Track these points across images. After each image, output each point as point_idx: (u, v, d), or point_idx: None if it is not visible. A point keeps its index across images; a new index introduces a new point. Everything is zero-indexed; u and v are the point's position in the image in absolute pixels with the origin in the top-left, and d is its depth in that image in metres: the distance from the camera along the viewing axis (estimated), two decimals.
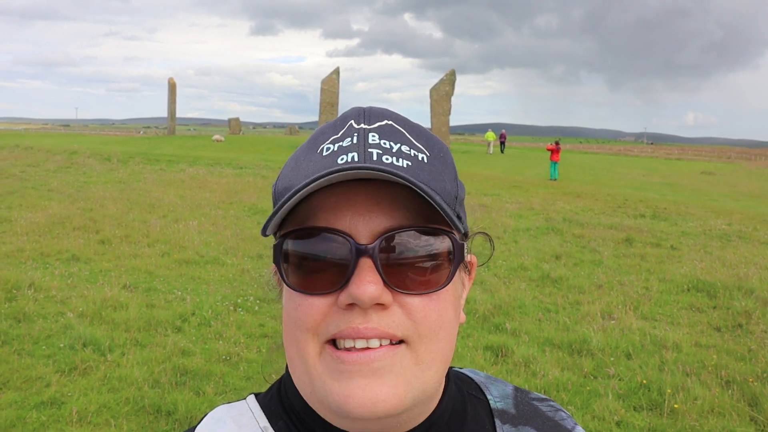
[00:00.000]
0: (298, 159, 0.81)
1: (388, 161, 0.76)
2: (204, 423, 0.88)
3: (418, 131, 0.83)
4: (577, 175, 36.20)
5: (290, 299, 0.78)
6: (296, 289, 0.76)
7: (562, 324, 7.75)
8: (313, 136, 0.84)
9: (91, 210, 14.16)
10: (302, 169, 0.78)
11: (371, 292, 0.72)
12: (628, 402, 5.71)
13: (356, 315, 0.73)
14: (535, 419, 0.96)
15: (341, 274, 0.74)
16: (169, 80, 51.52)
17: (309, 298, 0.75)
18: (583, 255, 11.91)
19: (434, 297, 0.77)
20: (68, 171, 22.08)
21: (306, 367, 0.77)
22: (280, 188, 0.81)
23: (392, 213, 0.75)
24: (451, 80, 41.09)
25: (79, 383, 5.57)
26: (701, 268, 10.93)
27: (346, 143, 0.78)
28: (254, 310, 7.82)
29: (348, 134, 0.79)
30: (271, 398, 0.91)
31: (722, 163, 70.21)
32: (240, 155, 32.01)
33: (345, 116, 0.83)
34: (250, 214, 14.96)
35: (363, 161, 0.75)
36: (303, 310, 0.76)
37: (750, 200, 27.18)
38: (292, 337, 0.78)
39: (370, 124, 0.81)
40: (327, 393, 0.74)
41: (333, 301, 0.75)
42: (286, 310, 0.80)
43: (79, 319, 7.09)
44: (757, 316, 8.27)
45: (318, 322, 0.75)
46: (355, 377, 0.73)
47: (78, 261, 9.86)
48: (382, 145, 0.78)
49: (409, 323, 0.75)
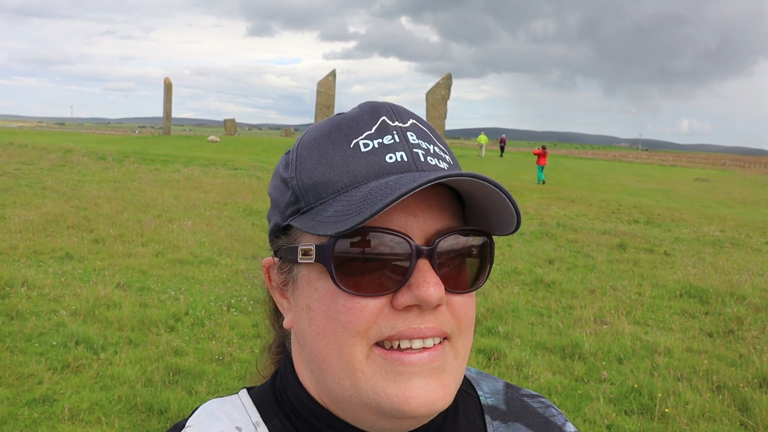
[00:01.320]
0: (325, 151, 0.79)
1: (432, 162, 0.78)
2: (195, 416, 0.86)
3: (435, 132, 0.85)
4: (572, 180, 36.25)
5: (333, 301, 0.76)
6: (348, 291, 0.74)
7: (554, 328, 7.77)
8: (336, 126, 0.82)
9: (86, 209, 14.13)
10: (339, 165, 0.77)
11: (439, 294, 0.73)
12: (619, 406, 5.73)
13: (414, 316, 0.74)
14: (526, 416, 0.97)
15: (398, 275, 0.74)
16: (165, 80, 51.44)
17: (361, 300, 0.74)
18: (577, 260, 11.94)
19: (471, 294, 0.80)
20: (63, 169, 22.03)
21: (350, 370, 0.75)
22: (309, 182, 0.79)
23: (440, 214, 0.77)
24: (447, 84, 41.16)
25: (72, 381, 5.56)
26: (694, 274, 10.96)
27: (387, 141, 0.78)
28: (247, 311, 7.81)
29: (385, 131, 0.79)
30: (265, 394, 0.90)
31: (716, 170, 70.39)
32: (235, 156, 31.97)
33: (373, 110, 0.82)
34: (245, 215, 14.94)
35: (412, 161, 0.76)
36: (355, 312, 0.74)
37: (743, 207, 27.25)
38: (333, 340, 0.76)
39: (404, 122, 0.81)
40: (380, 395, 0.74)
41: (385, 303, 0.74)
42: (326, 314, 0.76)
43: (72, 317, 7.08)
44: (748, 322, 8.30)
45: (370, 324, 0.74)
46: (414, 378, 0.74)
47: (72, 259, 9.84)
48: (422, 146, 0.79)
49: (453, 320, 0.77)
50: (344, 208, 0.73)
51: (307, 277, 0.80)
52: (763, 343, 7.52)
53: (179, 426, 0.85)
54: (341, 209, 0.73)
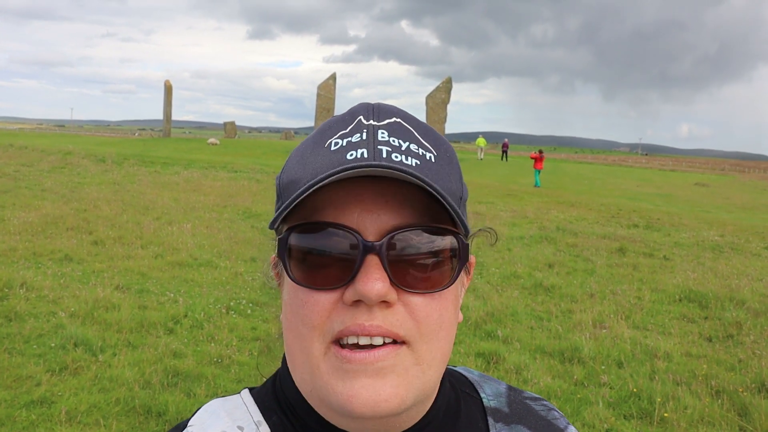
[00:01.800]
0: (305, 152, 0.81)
1: (397, 159, 0.75)
2: (197, 416, 0.87)
3: (426, 130, 0.84)
4: (572, 184, 36.28)
5: (294, 295, 0.77)
6: (301, 283, 0.76)
7: (554, 332, 7.76)
8: (320, 129, 0.83)
9: (85, 211, 14.12)
10: (309, 163, 0.78)
11: (378, 289, 0.72)
12: (618, 410, 5.73)
13: (362, 312, 0.73)
14: (528, 418, 0.97)
15: (347, 270, 0.74)
16: (165, 82, 51.48)
17: (314, 293, 0.75)
18: (576, 264, 11.93)
19: (436, 296, 0.77)
20: (62, 171, 22.02)
21: (309, 365, 0.76)
22: (286, 181, 0.81)
23: (400, 211, 0.76)
24: (447, 88, 41.21)
25: (70, 383, 5.55)
26: (693, 279, 10.95)
27: (355, 139, 0.78)
28: (246, 314, 7.81)
29: (357, 130, 0.79)
30: (266, 393, 0.90)
31: (716, 175, 70.47)
32: (235, 159, 31.97)
33: (353, 111, 0.83)
34: (244, 218, 14.94)
35: (372, 158, 0.75)
36: (309, 306, 0.75)
37: (743, 212, 27.27)
38: (296, 334, 0.77)
39: (379, 121, 0.80)
40: (330, 392, 0.74)
41: (338, 298, 0.75)
42: (290, 307, 0.79)
43: (70, 319, 7.08)
44: (747, 326, 8.30)
45: (324, 318, 0.75)
46: (359, 377, 0.73)
47: (71, 261, 9.83)
48: (391, 143, 0.78)
49: (412, 323, 0.75)
50: (288, 205, 0.75)
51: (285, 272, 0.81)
52: (762, 347, 7.52)
53: (181, 426, 0.86)
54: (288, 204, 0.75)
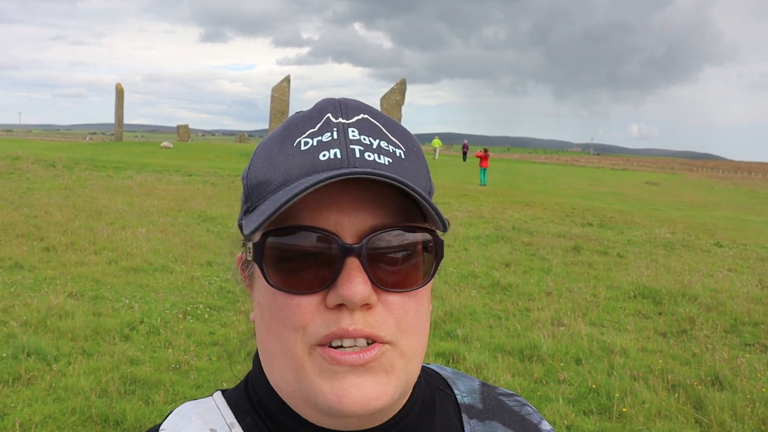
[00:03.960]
0: (272, 150, 0.80)
1: (370, 158, 0.76)
2: (169, 419, 0.85)
3: (393, 125, 0.83)
4: (526, 184, 36.70)
5: (273, 298, 0.76)
6: (280, 288, 0.75)
7: (512, 330, 7.83)
8: (286, 126, 0.82)
9: (36, 217, 13.79)
10: (279, 163, 0.77)
11: (361, 293, 0.72)
12: (578, 406, 5.79)
13: (344, 315, 0.73)
14: (502, 414, 0.97)
15: (327, 273, 0.73)
16: (117, 86, 50.65)
17: (294, 297, 0.74)
18: (533, 263, 12.05)
19: (413, 293, 0.78)
20: (11, 177, 21.49)
21: (292, 366, 0.75)
22: (254, 182, 0.79)
23: (376, 211, 0.75)
24: (401, 90, 41.29)
25: (23, 394, 5.41)
26: (647, 276, 11.15)
27: (326, 138, 0.77)
28: (204, 318, 7.72)
29: (326, 128, 0.78)
30: (238, 395, 0.89)
31: (665, 174, 71.94)
32: (189, 162, 31.61)
33: (320, 108, 0.82)
34: (199, 222, 14.76)
35: (346, 158, 0.75)
36: (290, 309, 0.74)
37: (692, 210, 27.90)
38: (276, 336, 0.76)
39: (348, 119, 0.80)
40: (317, 392, 0.74)
41: (320, 300, 0.74)
42: (268, 309, 0.78)
43: (22, 327, 6.90)
44: (700, 321, 8.48)
45: (307, 321, 0.74)
46: (348, 376, 0.73)
47: (21, 269, 9.59)
48: (362, 141, 0.77)
49: (392, 321, 0.76)
50: (267, 207, 0.73)
51: (258, 273, 0.80)
52: (715, 341, 7.69)
53: (153, 430, 0.84)
54: (265, 208, 0.74)
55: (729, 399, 5.89)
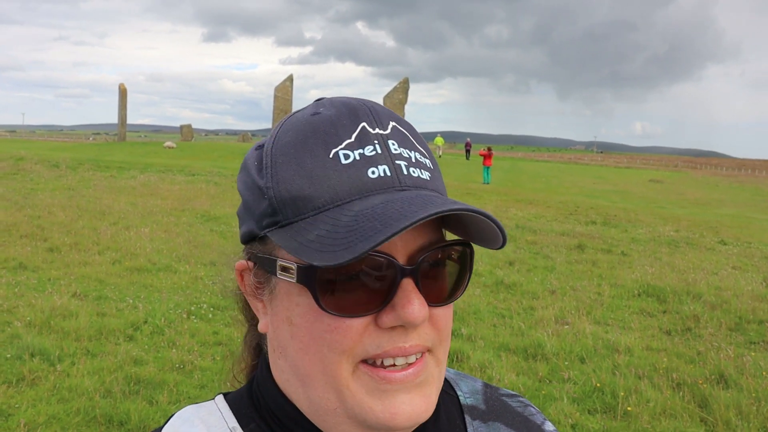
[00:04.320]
0: (302, 160, 0.75)
1: (415, 174, 0.75)
2: (171, 423, 0.84)
3: (413, 131, 0.82)
4: (529, 182, 36.65)
5: (318, 320, 0.73)
6: (333, 312, 0.72)
7: (516, 329, 7.82)
8: (313, 131, 0.77)
9: (39, 217, 13.82)
10: (319, 177, 0.73)
11: (423, 315, 0.72)
12: (582, 405, 5.78)
13: (398, 334, 0.73)
14: (505, 415, 0.96)
15: (381, 294, 0.72)
16: (120, 86, 50.70)
17: (346, 320, 0.72)
18: (536, 261, 12.04)
19: (450, 304, 0.80)
20: (15, 177, 21.52)
21: (335, 386, 0.74)
22: (287, 195, 0.74)
23: (422, 230, 0.75)
24: (404, 88, 41.28)
25: (27, 394, 5.42)
26: (651, 274, 11.14)
27: (369, 152, 0.75)
28: (208, 318, 7.71)
29: (366, 140, 0.75)
30: (241, 400, 0.87)
31: (669, 172, 71.81)
32: (192, 162, 31.62)
33: (350, 114, 0.78)
34: (203, 221, 14.78)
35: (396, 176, 0.74)
36: (340, 332, 0.72)
37: (696, 207, 27.85)
38: (318, 358, 0.74)
39: (384, 129, 0.78)
40: (365, 411, 0.73)
41: (370, 321, 0.73)
42: (307, 330, 0.74)
43: (26, 328, 6.91)
44: (705, 319, 8.46)
45: (355, 343, 0.73)
46: (399, 394, 0.74)
47: (25, 269, 9.61)
48: (403, 155, 0.76)
49: (434, 332, 0.77)
50: (329, 234, 0.69)
51: (286, 290, 0.76)
52: (720, 340, 7.67)
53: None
54: (326, 234, 0.70)
55: (734, 397, 5.87)
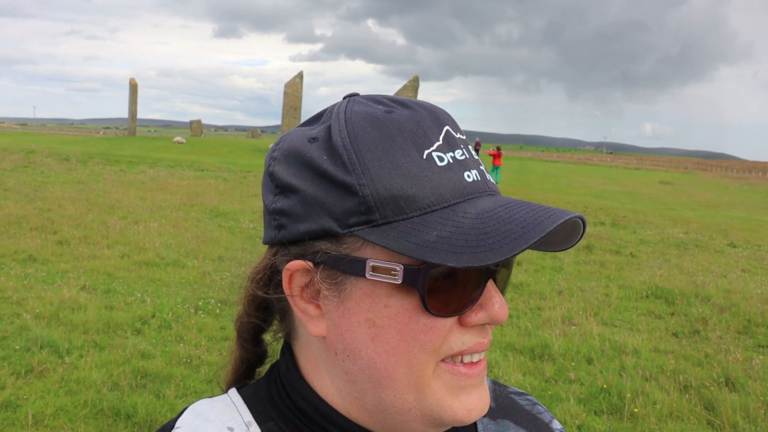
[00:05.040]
0: (396, 159, 0.73)
1: (490, 180, 0.79)
2: (184, 417, 0.82)
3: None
4: (538, 182, 36.60)
5: (413, 320, 0.73)
6: (435, 313, 0.72)
7: (523, 329, 7.81)
8: (399, 130, 0.75)
9: (49, 210, 13.89)
10: (419, 178, 0.72)
11: (507, 314, 0.76)
12: (589, 406, 5.77)
13: (479, 331, 0.77)
14: (514, 412, 0.97)
15: (471, 295, 0.74)
16: (131, 81, 50.86)
17: (440, 320, 0.73)
18: (544, 261, 12.01)
19: None
20: (25, 170, 21.64)
21: (419, 386, 0.74)
22: (386, 193, 0.72)
23: None
24: (414, 87, 41.23)
25: (36, 386, 5.44)
26: (659, 276, 11.10)
27: (459, 156, 0.76)
28: (215, 313, 7.73)
29: (454, 144, 0.76)
30: (258, 397, 0.86)
31: (679, 174, 71.59)
32: (201, 157, 31.71)
33: (434, 117, 0.78)
34: (212, 217, 14.80)
35: (483, 181, 0.76)
36: (434, 331, 0.73)
37: (706, 210, 27.73)
38: (405, 357, 0.74)
39: (462, 134, 0.80)
40: (443, 408, 0.75)
41: (454, 321, 0.74)
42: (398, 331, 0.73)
43: (35, 320, 6.95)
44: (713, 322, 8.43)
45: (443, 342, 0.74)
46: (474, 390, 0.77)
47: (35, 262, 9.66)
48: (480, 162, 0.80)
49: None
50: (454, 236, 0.68)
51: (369, 291, 0.74)
52: (728, 342, 7.64)
53: (167, 427, 0.81)
54: (450, 236, 0.69)
55: (741, 401, 5.85)
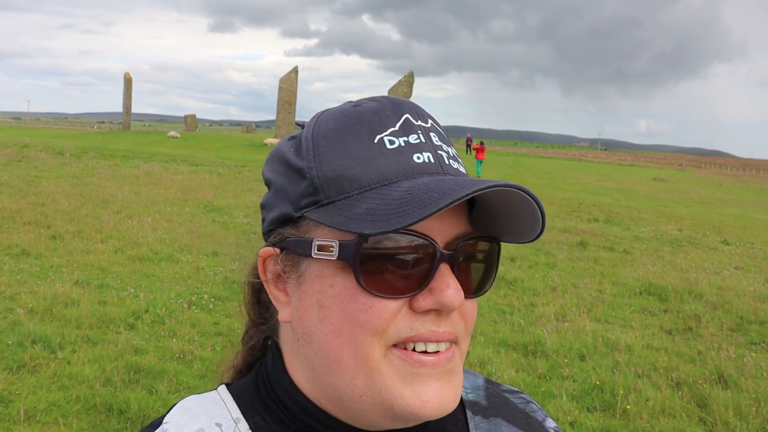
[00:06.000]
0: (347, 143, 0.77)
1: (454, 166, 0.79)
2: (173, 413, 0.83)
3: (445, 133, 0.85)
4: (533, 179, 36.63)
5: (353, 299, 0.73)
6: (371, 291, 0.72)
7: (516, 325, 7.82)
8: (356, 119, 0.79)
9: (43, 204, 13.84)
10: (365, 159, 0.75)
11: (460, 299, 0.73)
12: (581, 403, 5.78)
13: (431, 319, 0.74)
14: (507, 411, 0.96)
15: (420, 278, 0.73)
16: (125, 75, 50.71)
17: (382, 300, 0.72)
18: (538, 258, 12.03)
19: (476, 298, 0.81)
20: (19, 165, 21.55)
21: (365, 370, 0.73)
22: (331, 174, 0.76)
23: (459, 219, 0.77)
24: (409, 82, 41.20)
25: (28, 381, 5.43)
26: (653, 272, 11.13)
27: (413, 140, 0.77)
28: (209, 308, 7.72)
29: (410, 130, 0.78)
30: (246, 391, 0.87)
31: (673, 170, 71.77)
32: (196, 152, 31.62)
33: (396, 106, 0.80)
34: (206, 212, 14.78)
35: (438, 164, 0.77)
36: (375, 312, 0.72)
37: (700, 207, 27.80)
38: (350, 339, 0.74)
39: (425, 122, 0.80)
40: (395, 396, 0.73)
41: (404, 304, 0.73)
42: (342, 311, 0.74)
43: (28, 315, 6.92)
44: (706, 319, 8.46)
45: (387, 324, 0.73)
46: (430, 381, 0.74)
47: (28, 256, 9.62)
48: (443, 148, 0.79)
49: (462, 323, 0.78)
50: (379, 207, 0.71)
51: (319, 272, 0.76)
52: (721, 340, 7.67)
53: (156, 423, 0.82)
54: (376, 207, 0.71)
55: (734, 398, 5.87)
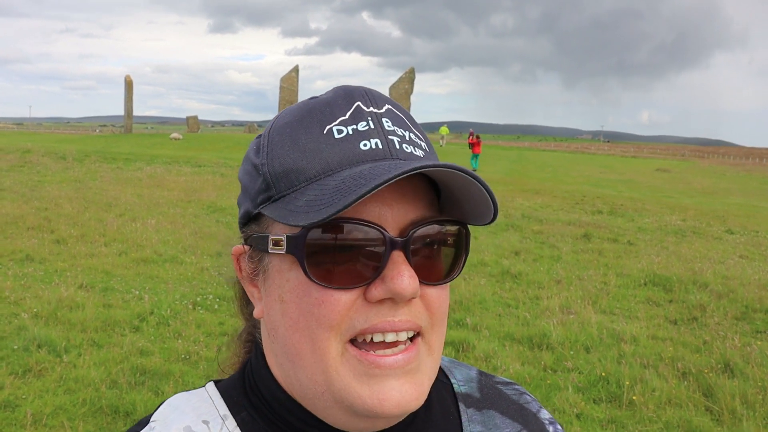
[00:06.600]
0: (297, 136, 0.77)
1: (408, 150, 0.76)
2: (160, 410, 0.83)
3: (410, 117, 0.83)
4: (536, 172, 36.59)
5: (306, 293, 0.73)
6: (321, 283, 0.72)
7: (522, 319, 7.81)
8: (308, 111, 0.79)
9: (46, 209, 13.85)
10: (312, 151, 0.75)
11: (413, 287, 0.71)
12: (587, 395, 5.78)
13: (387, 309, 0.72)
14: (500, 403, 0.96)
15: (371, 267, 0.72)
16: (126, 78, 50.70)
17: (334, 293, 0.72)
18: (542, 251, 12.02)
19: (444, 286, 0.78)
20: (21, 170, 21.57)
21: (323, 367, 0.73)
22: (280, 169, 0.76)
23: (415, 204, 0.75)
24: (410, 78, 41.16)
25: (34, 385, 5.44)
26: (657, 263, 11.11)
27: (362, 127, 0.76)
28: (213, 309, 7.73)
29: (360, 117, 0.77)
30: (233, 387, 0.87)
31: (676, 161, 71.57)
32: (198, 153, 31.62)
33: (346, 95, 0.79)
34: (209, 213, 14.80)
35: (387, 149, 0.75)
36: (328, 305, 0.72)
37: (703, 197, 27.74)
38: (307, 334, 0.73)
39: (378, 108, 0.79)
40: (353, 395, 0.72)
41: (358, 295, 0.72)
42: (297, 305, 0.74)
43: (33, 319, 6.93)
44: (711, 309, 8.44)
45: (342, 317, 0.72)
46: (388, 380, 0.73)
47: (32, 261, 9.64)
48: (396, 132, 0.77)
49: (426, 313, 0.76)
50: (317, 198, 0.70)
51: (278, 267, 0.77)
52: (726, 329, 7.65)
53: (144, 422, 0.82)
54: (314, 198, 0.70)
55: (740, 386, 5.86)
